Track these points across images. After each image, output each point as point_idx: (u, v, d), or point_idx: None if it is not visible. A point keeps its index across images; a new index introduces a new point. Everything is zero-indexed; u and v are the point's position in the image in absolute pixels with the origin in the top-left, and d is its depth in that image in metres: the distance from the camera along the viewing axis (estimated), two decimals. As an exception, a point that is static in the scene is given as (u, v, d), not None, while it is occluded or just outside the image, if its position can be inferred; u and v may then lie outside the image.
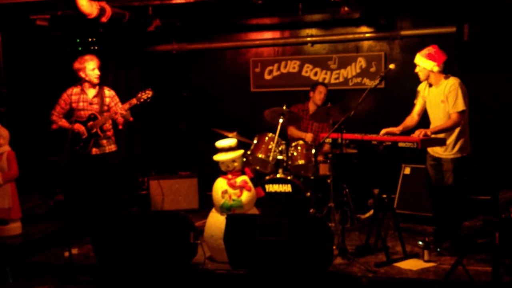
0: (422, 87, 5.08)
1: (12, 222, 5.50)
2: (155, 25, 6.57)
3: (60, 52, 7.09)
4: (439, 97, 4.86)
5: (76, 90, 5.51)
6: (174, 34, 7.42)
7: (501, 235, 3.67)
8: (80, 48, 7.05)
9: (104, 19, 5.71)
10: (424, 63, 4.85)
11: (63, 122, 5.48)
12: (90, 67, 5.43)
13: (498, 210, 3.96)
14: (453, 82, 4.80)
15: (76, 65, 5.46)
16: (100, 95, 5.53)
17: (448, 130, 4.78)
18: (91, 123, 5.42)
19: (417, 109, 5.10)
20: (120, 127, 5.60)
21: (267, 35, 7.34)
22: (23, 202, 5.72)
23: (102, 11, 5.64)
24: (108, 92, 5.60)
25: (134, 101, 5.38)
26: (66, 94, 5.51)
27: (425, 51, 4.88)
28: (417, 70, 4.95)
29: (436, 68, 4.81)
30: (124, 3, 6.04)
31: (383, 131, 4.93)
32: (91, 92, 5.53)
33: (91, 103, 5.50)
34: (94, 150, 5.48)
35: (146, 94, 5.37)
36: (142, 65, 7.62)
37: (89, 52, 5.81)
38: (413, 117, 5.11)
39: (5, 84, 6.39)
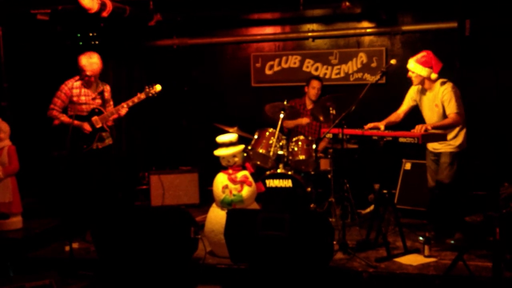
0: (414, 90, 5.09)
1: (13, 217, 5.52)
2: (156, 20, 6.55)
3: (60, 46, 7.08)
4: (433, 101, 4.89)
5: (76, 83, 5.37)
6: (175, 29, 7.40)
7: (502, 230, 3.69)
8: (80, 43, 7.04)
9: (105, 14, 5.69)
10: (420, 70, 4.82)
11: (65, 118, 5.32)
12: (83, 62, 5.28)
13: (499, 205, 3.96)
14: (445, 87, 4.81)
15: (80, 59, 5.32)
16: (102, 90, 5.47)
17: (448, 127, 4.79)
18: (95, 117, 5.34)
19: (404, 109, 5.14)
20: (110, 123, 5.48)
21: (268, 30, 7.33)
22: (24, 196, 5.72)
23: (103, 5, 5.62)
24: (107, 87, 5.55)
25: (142, 95, 5.35)
26: (66, 87, 5.36)
27: (421, 57, 4.84)
28: (410, 75, 4.91)
29: (434, 76, 4.81)
30: (125, -2, 6.05)
31: (368, 125, 4.93)
32: (94, 87, 5.44)
33: (94, 98, 5.42)
34: (96, 145, 5.41)
35: (154, 89, 5.36)
36: (143, 60, 7.60)
37: (90, 47, 5.78)
38: (399, 114, 5.14)
39: (6, 78, 6.39)
